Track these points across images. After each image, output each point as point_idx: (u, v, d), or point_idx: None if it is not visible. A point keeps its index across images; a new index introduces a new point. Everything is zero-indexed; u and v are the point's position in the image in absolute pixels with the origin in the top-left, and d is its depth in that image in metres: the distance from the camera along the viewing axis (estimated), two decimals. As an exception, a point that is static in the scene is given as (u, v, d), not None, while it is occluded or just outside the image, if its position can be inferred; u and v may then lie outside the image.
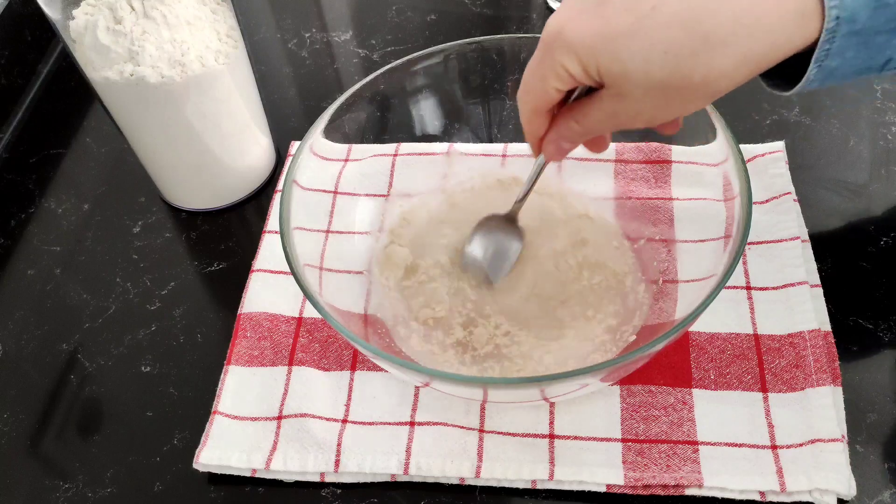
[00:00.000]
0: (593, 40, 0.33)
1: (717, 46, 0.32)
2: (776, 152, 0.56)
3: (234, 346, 0.50)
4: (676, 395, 0.45)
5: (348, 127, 0.53)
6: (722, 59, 0.32)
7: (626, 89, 0.34)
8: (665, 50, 0.32)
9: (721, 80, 0.33)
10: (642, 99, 0.34)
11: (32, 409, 0.50)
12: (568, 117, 0.38)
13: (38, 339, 0.54)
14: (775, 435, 0.43)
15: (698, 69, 0.33)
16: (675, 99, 0.34)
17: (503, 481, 0.43)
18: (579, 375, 0.37)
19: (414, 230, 0.55)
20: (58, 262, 0.58)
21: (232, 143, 0.57)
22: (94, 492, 0.46)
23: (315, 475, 0.44)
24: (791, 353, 0.46)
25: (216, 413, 0.47)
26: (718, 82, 0.33)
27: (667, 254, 0.51)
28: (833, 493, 0.41)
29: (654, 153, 0.56)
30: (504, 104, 0.58)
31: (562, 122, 0.39)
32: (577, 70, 0.35)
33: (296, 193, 0.46)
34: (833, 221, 0.54)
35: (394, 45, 0.72)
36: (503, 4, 0.75)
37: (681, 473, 0.42)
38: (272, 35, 0.75)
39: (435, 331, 0.49)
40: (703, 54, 0.32)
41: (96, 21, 0.48)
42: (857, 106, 0.61)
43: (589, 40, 0.34)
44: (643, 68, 0.33)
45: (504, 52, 0.55)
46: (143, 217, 0.60)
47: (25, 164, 0.66)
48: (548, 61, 0.36)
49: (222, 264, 0.57)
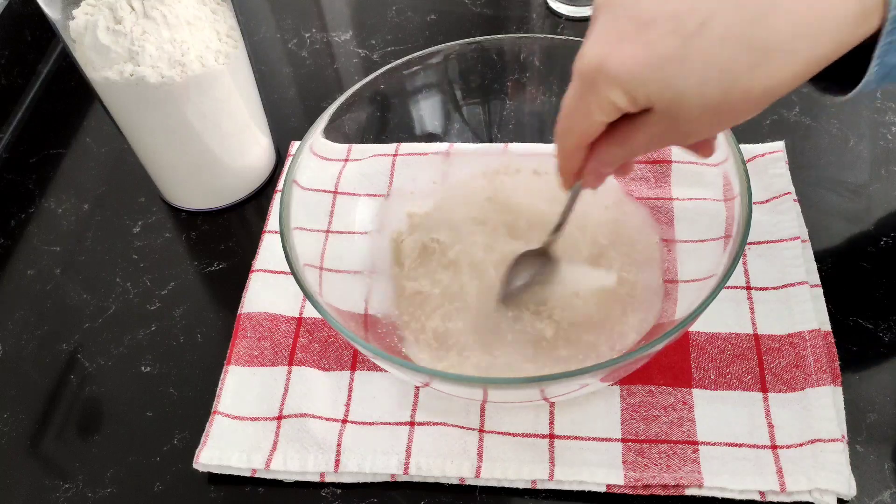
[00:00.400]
0: (641, 71, 0.31)
1: (776, 57, 0.30)
2: (776, 152, 0.56)
3: (234, 346, 0.50)
4: (676, 395, 0.45)
5: (348, 127, 0.53)
6: (783, 68, 0.31)
7: (679, 113, 0.32)
8: (722, 69, 0.30)
9: (780, 89, 0.31)
10: (697, 119, 0.32)
11: (32, 409, 0.50)
12: (610, 143, 0.36)
13: (38, 339, 0.54)
14: (775, 435, 0.43)
15: (758, 82, 0.31)
16: (732, 113, 0.32)
17: (503, 481, 0.43)
18: (579, 375, 0.37)
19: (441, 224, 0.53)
20: (58, 262, 0.58)
21: (232, 143, 0.57)
22: (94, 492, 0.46)
23: (315, 475, 0.44)
24: (791, 353, 0.46)
25: (216, 413, 0.47)
26: (777, 91, 0.31)
27: (667, 254, 0.51)
28: (833, 493, 0.41)
29: (655, 153, 0.56)
30: (504, 104, 0.58)
31: (604, 150, 0.36)
32: (624, 102, 0.33)
33: (296, 193, 0.46)
34: (833, 221, 0.54)
35: (394, 45, 0.72)
36: (503, 4, 0.75)
37: (681, 473, 0.42)
38: (272, 35, 0.75)
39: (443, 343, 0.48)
40: (762, 67, 0.30)
41: (96, 21, 0.48)
42: (857, 106, 0.61)
43: (636, 71, 0.31)
44: (698, 91, 0.31)
45: (504, 52, 0.55)
46: (143, 217, 0.60)
47: (25, 164, 0.66)
48: (592, 97, 0.33)
49: (222, 264, 0.57)
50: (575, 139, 0.36)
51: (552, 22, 0.73)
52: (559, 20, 0.73)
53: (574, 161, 0.38)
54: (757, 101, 0.32)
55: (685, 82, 0.31)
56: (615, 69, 0.32)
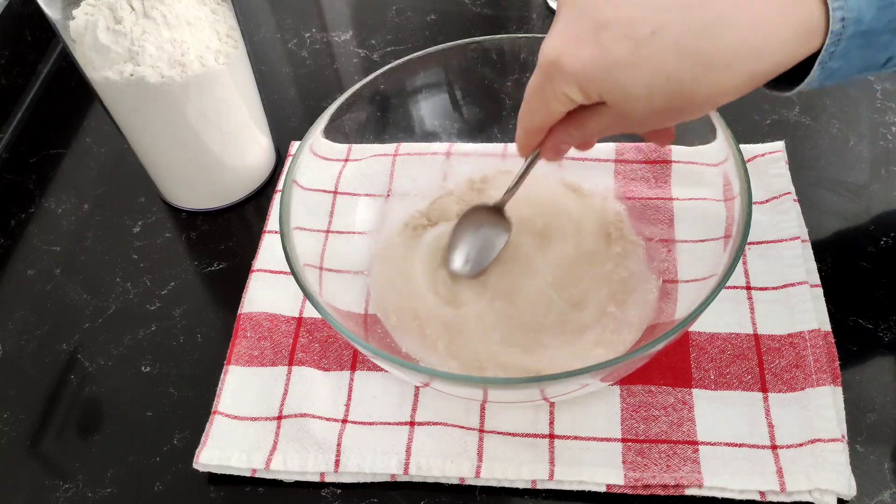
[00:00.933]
0: (593, 71, 0.34)
1: (721, 70, 0.32)
2: (776, 152, 0.56)
3: (234, 346, 0.50)
4: (676, 395, 0.45)
5: (348, 127, 0.53)
6: (726, 80, 0.32)
7: (627, 110, 0.35)
8: (668, 76, 0.32)
9: (723, 97, 0.33)
10: (644, 116, 0.35)
11: (32, 409, 0.50)
12: (567, 125, 0.39)
13: (38, 339, 0.54)
14: (775, 435, 0.43)
15: (701, 90, 0.33)
16: (677, 115, 0.35)
17: (503, 481, 0.43)
18: (579, 375, 0.37)
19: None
20: (58, 262, 0.58)
21: (232, 143, 0.57)
22: (94, 492, 0.46)
23: (315, 475, 0.44)
24: (791, 353, 0.46)
25: (216, 413, 0.47)
26: (721, 99, 0.33)
27: (667, 254, 0.51)
28: (833, 493, 0.41)
29: (654, 153, 0.56)
30: (504, 104, 0.58)
31: (561, 130, 0.39)
32: (577, 96, 0.35)
33: (296, 193, 0.46)
34: (833, 221, 0.54)
35: (394, 45, 0.72)
36: (503, 4, 0.75)
37: (681, 473, 0.42)
38: (272, 35, 0.75)
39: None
40: (706, 77, 0.32)
41: (96, 21, 0.48)
42: (857, 106, 0.61)
43: (589, 70, 0.34)
44: (645, 94, 0.33)
45: (504, 52, 0.55)
46: (143, 217, 0.60)
47: (25, 164, 0.66)
48: (548, 88, 0.36)
49: (222, 264, 0.57)
50: (533, 123, 0.39)
51: (552, 22, 0.73)
52: (559, 20, 0.73)
53: (533, 139, 0.41)
54: (700, 106, 0.34)
55: (634, 86, 0.33)
56: (569, 67, 0.34)
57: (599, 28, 0.33)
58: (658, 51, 0.32)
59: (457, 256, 0.51)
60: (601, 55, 0.33)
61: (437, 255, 0.52)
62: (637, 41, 0.32)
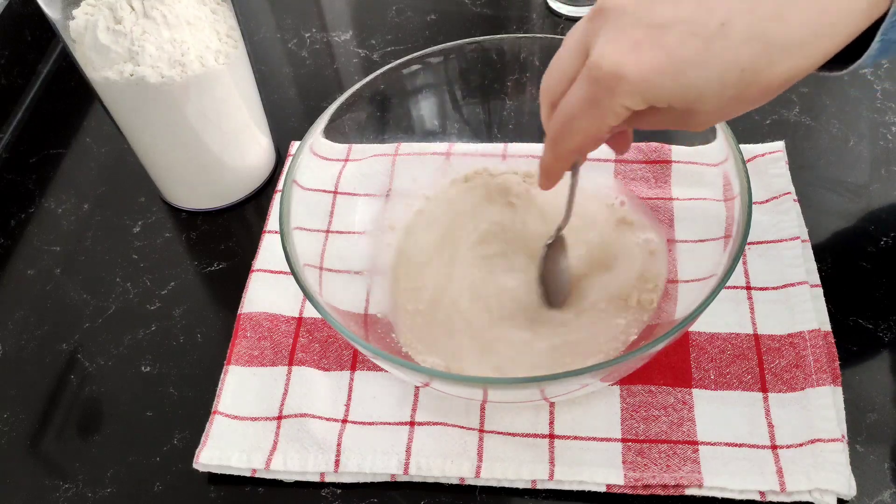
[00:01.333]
0: (661, 78, 0.32)
1: (796, 50, 0.31)
2: (776, 152, 0.56)
3: (234, 346, 0.50)
4: (676, 395, 0.45)
5: (348, 127, 0.53)
6: (801, 61, 0.31)
7: (695, 108, 0.33)
8: (742, 68, 0.31)
9: (798, 78, 0.32)
10: (710, 112, 0.33)
11: (32, 409, 0.50)
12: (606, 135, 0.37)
13: (38, 339, 0.54)
14: (775, 435, 0.43)
15: (778, 76, 0.31)
16: (748, 105, 0.33)
17: (503, 481, 0.43)
18: (579, 375, 0.37)
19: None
20: (58, 262, 0.58)
21: (232, 143, 0.57)
22: (94, 492, 0.46)
23: (315, 475, 0.44)
24: (791, 353, 0.46)
25: (216, 413, 0.47)
26: (795, 80, 0.32)
27: (667, 254, 0.51)
28: (833, 493, 0.41)
29: (654, 153, 0.56)
30: (504, 104, 0.58)
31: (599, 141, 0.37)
32: (640, 105, 0.33)
33: (296, 193, 0.46)
34: (833, 221, 0.54)
35: (394, 45, 0.72)
36: (503, 4, 0.75)
37: (681, 473, 0.42)
38: (272, 35, 0.75)
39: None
40: (782, 62, 0.31)
41: (96, 21, 0.48)
42: (857, 106, 0.61)
43: (656, 78, 0.32)
44: (718, 90, 0.32)
45: (504, 52, 0.55)
46: (143, 217, 0.60)
47: (25, 164, 0.66)
48: (606, 104, 0.33)
49: (222, 264, 0.57)
50: (579, 141, 0.36)
51: (552, 22, 0.73)
52: (559, 20, 0.73)
53: (569, 161, 0.38)
54: (775, 91, 0.32)
55: (706, 84, 0.31)
56: (635, 76, 0.32)
57: (660, 30, 0.31)
58: (730, 43, 0.30)
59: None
60: (667, 59, 0.31)
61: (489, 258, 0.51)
62: (705, 38, 0.31)
